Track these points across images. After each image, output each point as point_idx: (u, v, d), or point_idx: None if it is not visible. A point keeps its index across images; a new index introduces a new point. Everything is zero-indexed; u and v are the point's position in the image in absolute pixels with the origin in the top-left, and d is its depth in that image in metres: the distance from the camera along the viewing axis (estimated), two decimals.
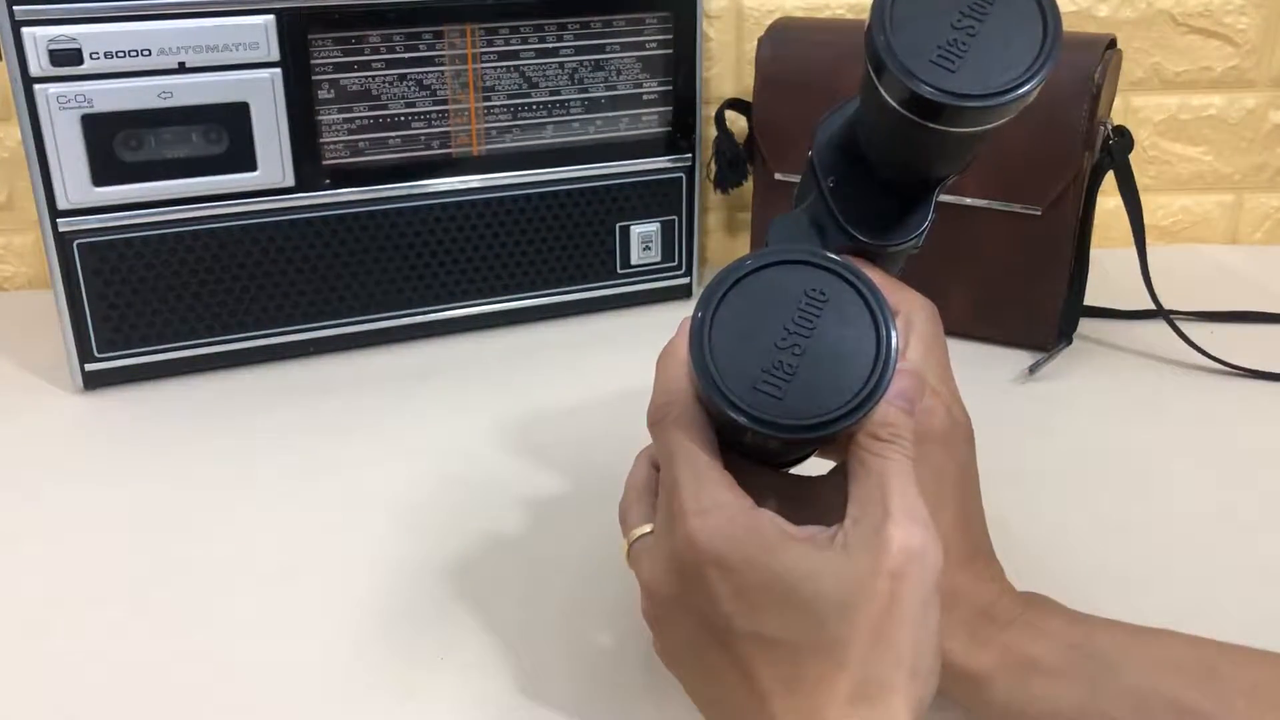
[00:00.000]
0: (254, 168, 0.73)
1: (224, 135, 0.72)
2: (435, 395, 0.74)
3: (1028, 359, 0.76)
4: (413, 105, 0.76)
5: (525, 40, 0.78)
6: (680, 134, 0.84)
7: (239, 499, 0.63)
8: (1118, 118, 0.80)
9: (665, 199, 0.85)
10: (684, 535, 0.38)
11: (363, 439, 0.69)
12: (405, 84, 0.76)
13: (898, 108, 0.39)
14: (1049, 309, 0.77)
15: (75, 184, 0.70)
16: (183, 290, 0.74)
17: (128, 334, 0.74)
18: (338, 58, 0.73)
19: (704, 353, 0.37)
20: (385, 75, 0.75)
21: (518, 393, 0.74)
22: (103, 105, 0.69)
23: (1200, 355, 0.77)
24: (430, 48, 0.75)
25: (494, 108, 0.78)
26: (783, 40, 0.81)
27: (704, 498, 0.38)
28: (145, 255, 0.73)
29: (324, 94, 0.74)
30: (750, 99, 0.83)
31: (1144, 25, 0.95)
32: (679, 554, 0.38)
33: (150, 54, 0.69)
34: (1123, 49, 0.76)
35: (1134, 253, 0.77)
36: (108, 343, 0.74)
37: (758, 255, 0.38)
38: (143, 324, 0.74)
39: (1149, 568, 0.57)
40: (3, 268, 0.94)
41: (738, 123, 0.87)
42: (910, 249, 0.45)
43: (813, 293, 0.38)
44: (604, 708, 0.48)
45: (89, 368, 0.74)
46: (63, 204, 0.70)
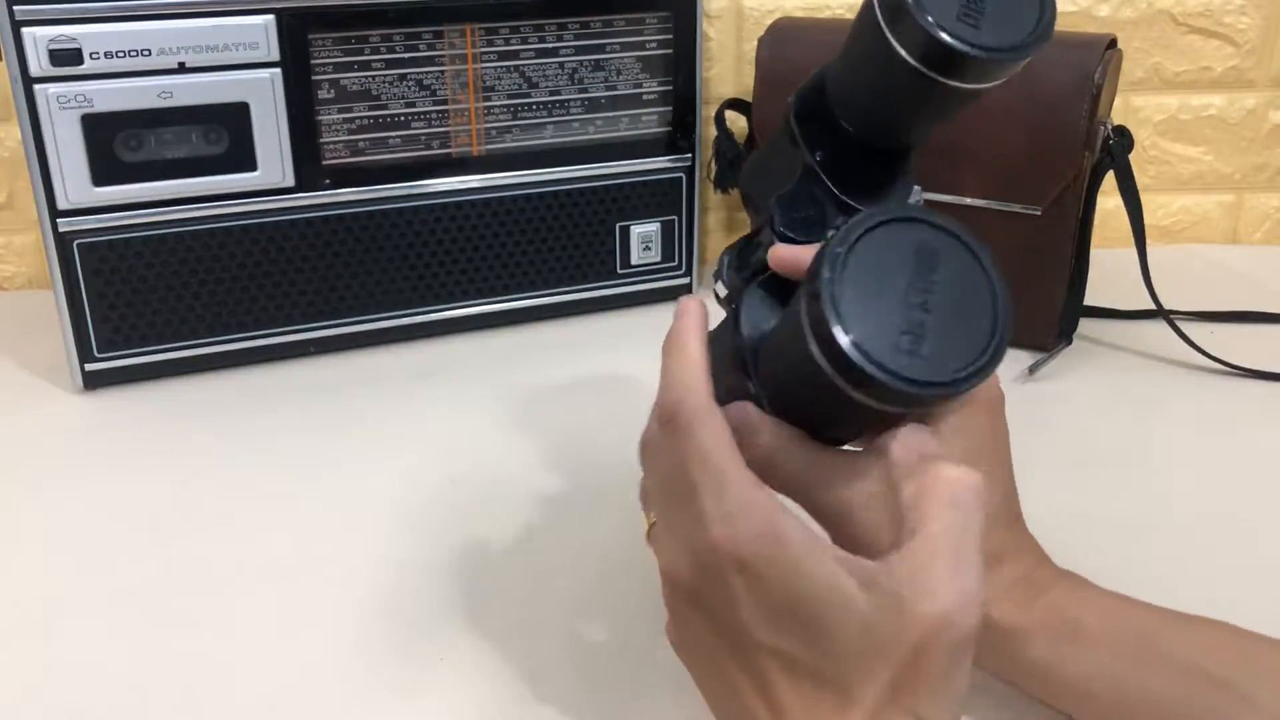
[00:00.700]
0: (254, 168, 0.73)
1: (224, 135, 0.72)
2: (435, 395, 0.74)
3: (1028, 359, 0.76)
4: (413, 105, 0.76)
5: (525, 40, 0.78)
6: (680, 134, 0.84)
7: (239, 499, 0.63)
8: (1118, 118, 0.80)
9: (665, 199, 0.85)
10: (708, 540, 0.36)
11: (363, 439, 0.69)
12: (405, 84, 0.76)
13: (912, 62, 0.40)
14: (1049, 309, 0.77)
15: (75, 184, 0.70)
16: (183, 290, 0.74)
17: (128, 334, 0.74)
18: (338, 58, 0.73)
19: (834, 316, 0.35)
20: (385, 75, 0.75)
21: (518, 392, 0.74)
22: (103, 105, 0.69)
23: (1200, 355, 0.77)
24: (430, 48, 0.75)
25: (494, 108, 0.78)
26: (783, 40, 0.81)
27: (728, 500, 0.36)
28: (145, 255, 0.73)
29: (324, 94, 0.74)
30: (750, 99, 0.84)
31: (1144, 25, 0.95)
32: (701, 555, 0.37)
33: (150, 54, 0.69)
34: (1123, 49, 0.76)
35: (1134, 253, 0.77)
36: (108, 343, 0.74)
37: (865, 217, 0.37)
38: (143, 324, 0.74)
39: (1149, 567, 0.57)
40: (3, 268, 0.94)
41: (738, 123, 0.87)
42: None
43: (924, 252, 0.37)
44: (604, 708, 0.48)
45: (89, 368, 0.74)
46: (63, 204, 0.70)
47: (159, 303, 0.74)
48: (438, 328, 0.81)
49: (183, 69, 0.70)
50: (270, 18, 0.71)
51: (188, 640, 0.52)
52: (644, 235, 0.85)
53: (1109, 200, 0.78)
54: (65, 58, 0.67)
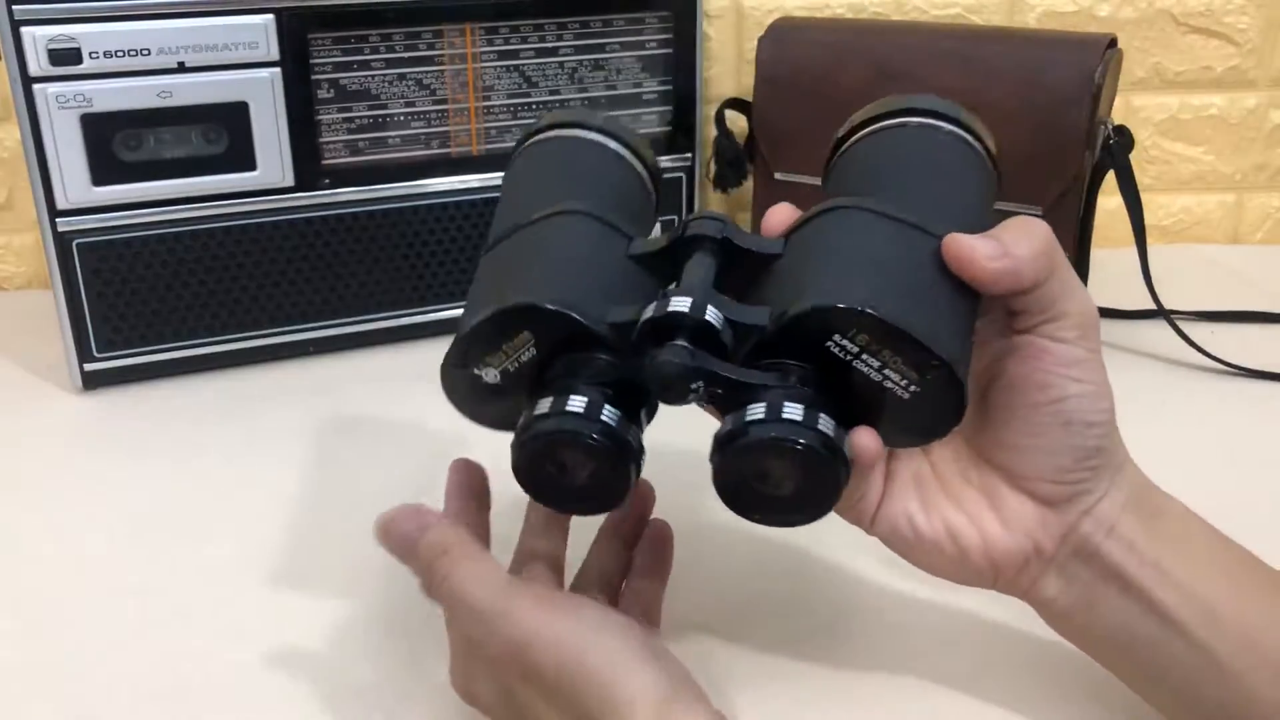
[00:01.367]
0: (254, 167, 0.73)
1: (224, 135, 0.72)
2: (435, 395, 0.74)
3: None
4: (412, 105, 0.76)
5: (525, 40, 0.78)
6: (680, 134, 0.84)
7: (239, 499, 0.63)
8: (1118, 118, 0.80)
9: (665, 199, 0.85)
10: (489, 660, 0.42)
11: (363, 439, 0.69)
12: (405, 84, 0.76)
13: None
14: None
15: (75, 184, 0.70)
16: (183, 290, 0.74)
17: (127, 334, 0.74)
18: (337, 57, 0.73)
19: None
20: (385, 75, 0.75)
21: None
22: (102, 105, 0.69)
23: (1200, 355, 0.77)
24: (430, 47, 0.75)
25: (494, 107, 0.78)
26: (783, 40, 0.81)
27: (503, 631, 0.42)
28: (145, 255, 0.73)
29: (324, 94, 0.74)
30: (750, 99, 0.83)
31: (1144, 25, 0.95)
32: (490, 672, 0.42)
33: (150, 54, 0.69)
34: (1123, 49, 0.76)
35: (1134, 253, 0.77)
36: (107, 343, 0.74)
37: None
38: (142, 324, 0.74)
39: None
40: (3, 268, 0.94)
41: (738, 123, 0.87)
42: None
43: None
44: None
45: (89, 368, 0.74)
46: (62, 204, 0.70)
47: (159, 303, 0.74)
48: (438, 328, 0.81)
49: (182, 69, 0.70)
50: (270, 17, 0.71)
51: (187, 640, 0.52)
52: None
53: (1109, 200, 0.78)
54: (64, 57, 0.67)
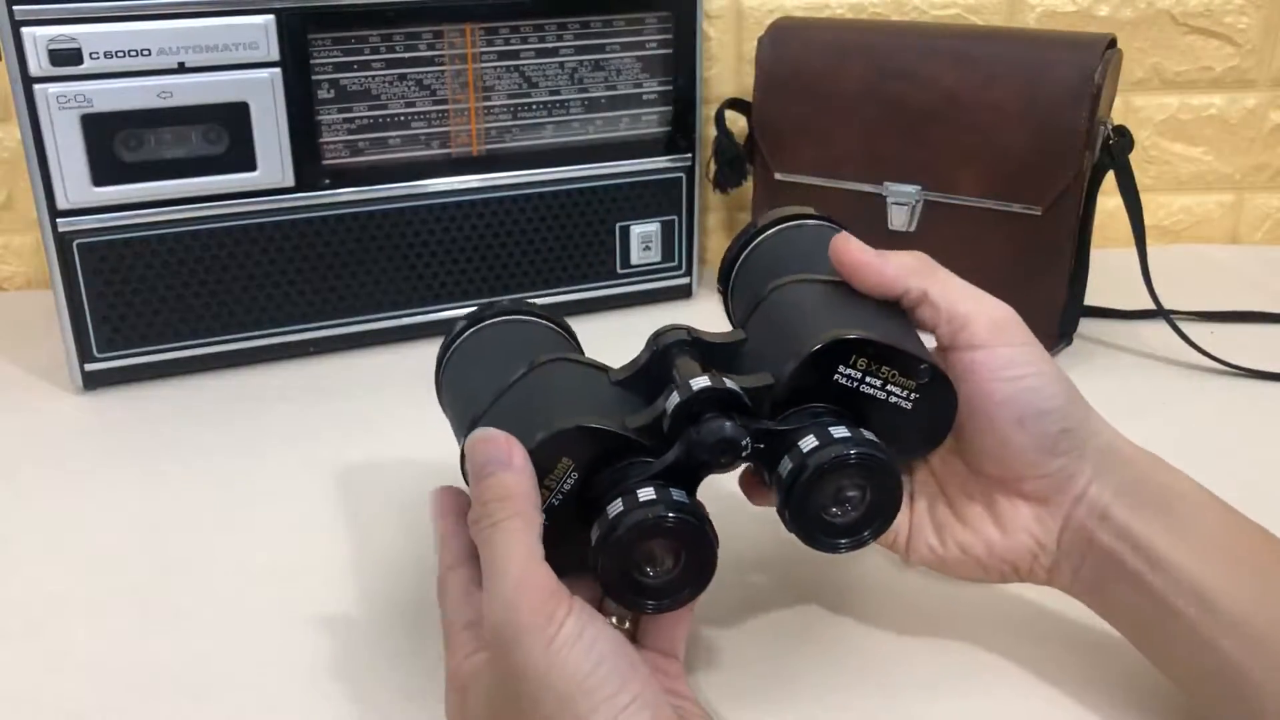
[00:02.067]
0: (254, 168, 0.73)
1: (224, 135, 0.72)
2: (435, 395, 0.74)
3: None
4: (413, 105, 0.76)
5: (525, 40, 0.78)
6: (680, 134, 0.84)
7: (239, 499, 0.63)
8: (1118, 118, 0.80)
9: (665, 199, 0.85)
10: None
11: (363, 439, 0.69)
12: (405, 84, 0.76)
13: None
14: (1049, 309, 0.76)
15: (75, 184, 0.70)
16: (183, 290, 0.74)
17: (127, 334, 0.74)
18: (338, 58, 0.73)
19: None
20: (385, 75, 0.75)
21: None
22: (102, 105, 0.69)
23: (1200, 355, 0.77)
24: (430, 48, 0.75)
25: (494, 108, 0.78)
26: (783, 40, 0.81)
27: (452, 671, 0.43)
28: (145, 255, 0.73)
29: (324, 94, 0.74)
30: (750, 99, 0.83)
31: (1144, 25, 0.95)
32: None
33: (150, 54, 0.69)
34: (1123, 49, 0.76)
35: (1134, 253, 0.77)
36: (107, 343, 0.74)
37: None
38: (142, 324, 0.74)
39: None
40: (3, 268, 0.94)
41: (738, 123, 0.87)
42: None
43: None
44: None
45: (89, 368, 0.74)
46: (62, 204, 0.70)
47: (159, 303, 0.74)
48: (438, 328, 0.81)
49: (183, 69, 0.70)
50: (270, 18, 0.71)
51: (188, 640, 0.52)
52: (644, 235, 0.85)
53: (1109, 200, 0.78)
54: (65, 57, 0.67)
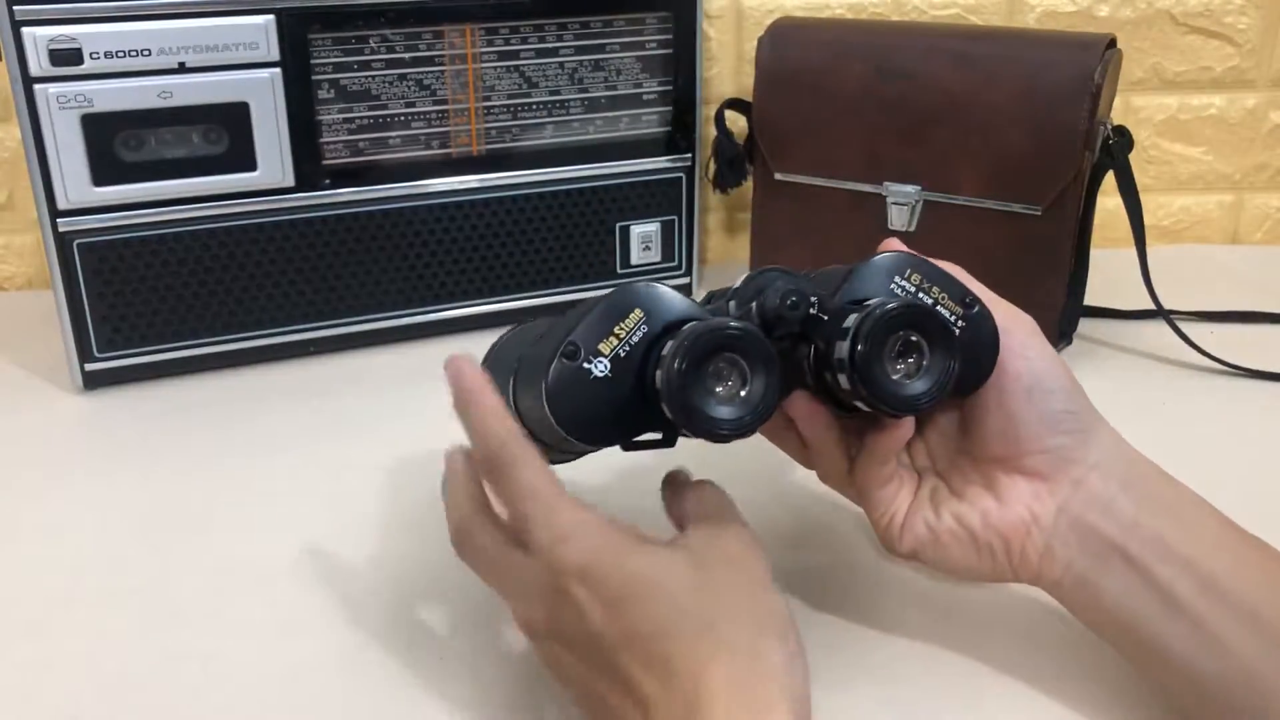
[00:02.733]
0: (254, 168, 0.73)
1: (224, 135, 0.72)
2: (435, 395, 0.74)
3: None
4: (413, 105, 0.76)
5: (525, 40, 0.78)
6: (680, 134, 0.84)
7: (238, 499, 0.63)
8: (1118, 118, 0.80)
9: (665, 199, 0.85)
10: (549, 562, 0.41)
11: (363, 439, 0.69)
12: (405, 84, 0.76)
13: None
14: (1049, 309, 0.76)
15: (75, 184, 0.70)
16: (183, 290, 0.74)
17: (128, 334, 0.74)
18: (338, 58, 0.73)
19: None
20: (385, 75, 0.75)
21: None
22: (103, 105, 0.69)
23: (1200, 355, 0.77)
24: (430, 48, 0.75)
25: (494, 108, 0.78)
26: (783, 40, 0.81)
27: (560, 524, 0.41)
28: (145, 255, 0.73)
29: (324, 94, 0.74)
30: (750, 99, 0.83)
31: (1144, 25, 0.95)
32: (545, 581, 0.41)
33: (150, 54, 0.69)
34: (1123, 49, 0.76)
35: (1134, 253, 0.77)
36: (108, 343, 0.74)
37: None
38: (143, 324, 0.74)
39: None
40: (3, 268, 0.94)
41: (738, 123, 0.87)
42: None
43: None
44: None
45: (89, 368, 0.74)
46: (63, 204, 0.70)
47: (159, 303, 0.74)
48: (438, 328, 0.81)
49: (183, 69, 0.70)
50: (270, 18, 0.71)
51: (187, 640, 0.52)
52: (644, 235, 0.85)
53: (1109, 200, 0.78)
54: (65, 58, 0.67)
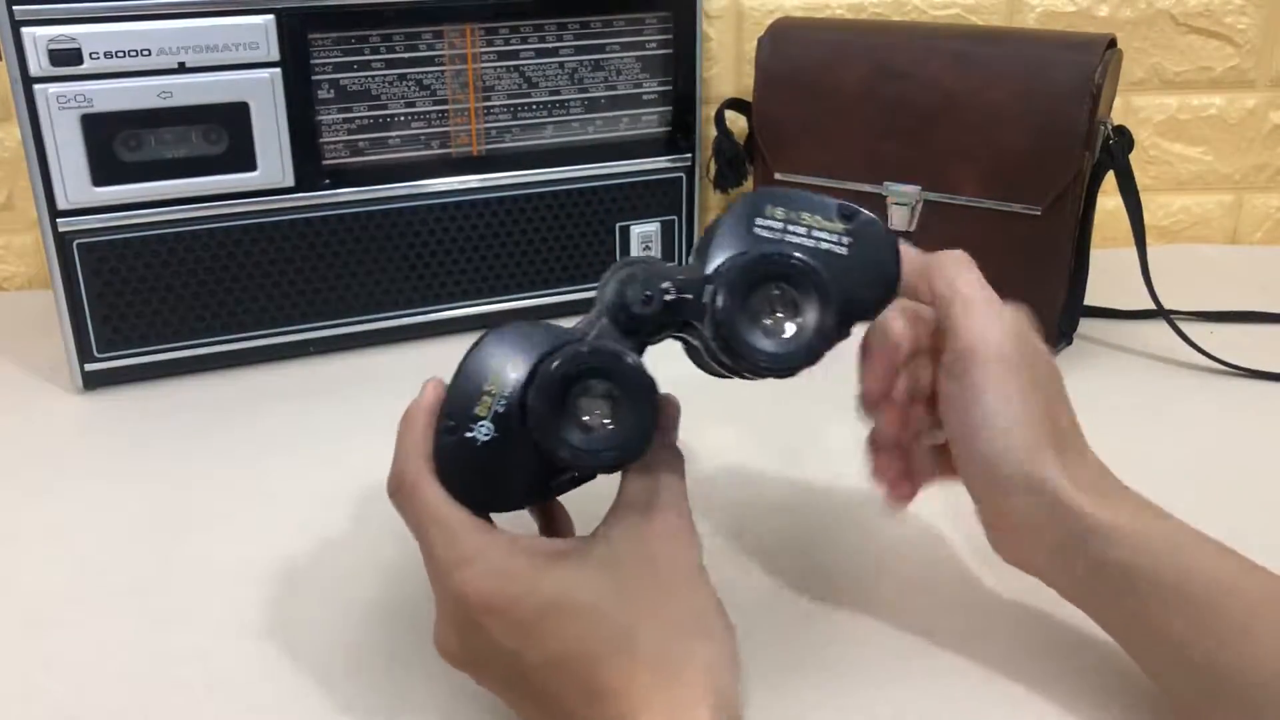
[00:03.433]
0: (254, 168, 0.73)
1: (224, 135, 0.72)
2: None
3: None
4: (413, 105, 0.76)
5: (525, 40, 0.78)
6: (680, 134, 0.84)
7: (239, 499, 0.63)
8: (1118, 118, 0.80)
9: (665, 199, 0.85)
10: (452, 591, 0.40)
11: (363, 439, 0.69)
12: (405, 84, 0.76)
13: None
14: (1049, 309, 0.76)
15: (75, 184, 0.70)
16: (183, 290, 0.74)
17: (128, 334, 0.74)
18: (338, 58, 0.73)
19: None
20: (385, 75, 0.75)
21: None
22: (102, 105, 0.69)
23: (1200, 355, 0.77)
24: (430, 48, 0.75)
25: (494, 108, 0.78)
26: (783, 40, 0.81)
27: (460, 549, 0.40)
28: (145, 255, 0.73)
29: (324, 94, 0.74)
30: (750, 99, 0.83)
31: (1144, 25, 0.95)
32: (453, 610, 0.40)
33: (150, 54, 0.69)
34: (1123, 49, 0.76)
35: (1134, 253, 0.77)
36: (108, 343, 0.74)
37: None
38: (143, 324, 0.74)
39: None
40: (3, 268, 0.94)
41: (738, 123, 0.87)
42: None
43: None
44: None
45: (89, 368, 0.74)
46: (62, 204, 0.70)
47: (159, 303, 0.74)
48: (438, 328, 0.81)
49: (183, 69, 0.70)
50: (270, 18, 0.71)
51: (187, 640, 0.52)
52: (644, 235, 0.85)
53: (1109, 200, 0.78)
54: (65, 58, 0.67)
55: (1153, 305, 0.78)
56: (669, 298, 0.42)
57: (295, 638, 0.52)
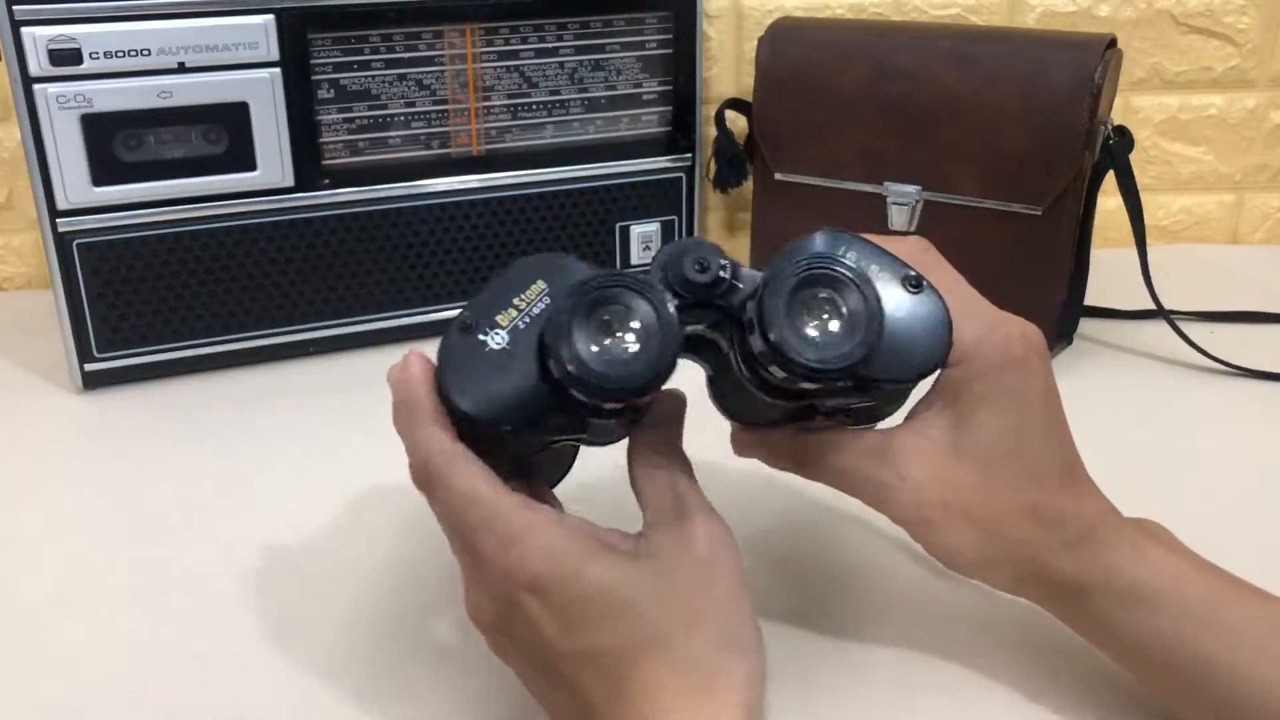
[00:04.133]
0: (254, 168, 0.73)
1: (224, 135, 0.72)
2: None
3: None
4: (412, 105, 0.76)
5: (525, 40, 0.78)
6: (680, 134, 0.84)
7: (239, 499, 0.63)
8: (1118, 118, 0.80)
9: (665, 199, 0.85)
10: (498, 571, 0.39)
11: (362, 439, 0.69)
12: (405, 84, 0.76)
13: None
14: (1049, 309, 0.76)
15: (75, 184, 0.70)
16: (182, 290, 0.74)
17: (127, 334, 0.74)
18: (337, 58, 0.73)
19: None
20: (385, 75, 0.75)
21: None
22: (102, 105, 0.69)
23: (1200, 355, 0.77)
24: (430, 48, 0.75)
25: (494, 108, 0.78)
26: (783, 40, 0.81)
27: (508, 528, 0.39)
28: (145, 255, 0.73)
29: (324, 94, 0.74)
30: (750, 99, 0.83)
31: (1144, 25, 0.95)
32: (495, 588, 0.39)
33: (150, 54, 0.69)
34: (1123, 49, 0.76)
35: (1134, 253, 0.77)
36: (107, 343, 0.74)
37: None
38: (142, 324, 0.74)
39: None
40: (3, 268, 0.94)
41: (738, 123, 0.87)
42: None
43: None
44: None
45: (89, 368, 0.74)
46: (62, 204, 0.70)
47: (159, 303, 0.74)
48: (438, 328, 0.81)
49: (182, 69, 0.70)
50: (270, 18, 0.71)
51: (187, 640, 0.52)
52: (644, 235, 0.85)
53: (1109, 200, 0.78)
54: (65, 58, 0.67)
55: (1153, 305, 0.78)
56: (723, 273, 0.41)
57: (295, 637, 0.52)
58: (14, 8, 0.66)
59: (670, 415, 0.44)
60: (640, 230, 0.85)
